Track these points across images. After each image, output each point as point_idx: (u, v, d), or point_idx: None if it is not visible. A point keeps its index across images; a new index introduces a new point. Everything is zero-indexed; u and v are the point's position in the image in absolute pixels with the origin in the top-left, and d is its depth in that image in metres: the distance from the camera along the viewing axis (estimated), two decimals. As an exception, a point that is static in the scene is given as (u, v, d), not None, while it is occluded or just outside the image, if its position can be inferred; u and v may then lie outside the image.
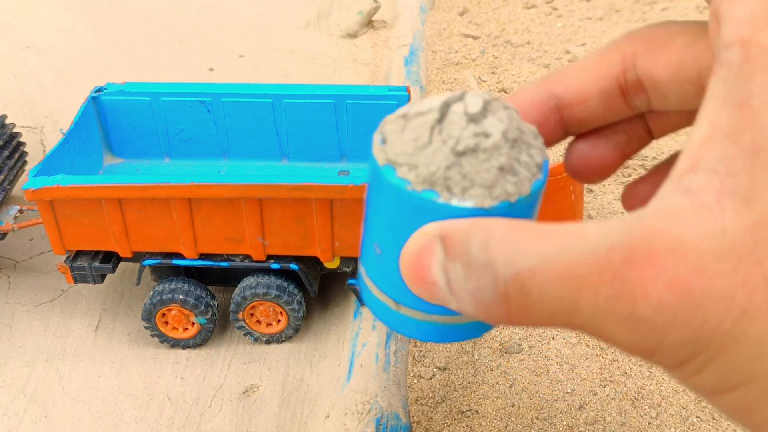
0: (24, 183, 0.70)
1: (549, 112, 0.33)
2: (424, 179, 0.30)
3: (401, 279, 0.29)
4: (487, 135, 0.31)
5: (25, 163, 0.92)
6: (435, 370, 0.75)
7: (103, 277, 0.78)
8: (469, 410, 0.72)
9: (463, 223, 0.26)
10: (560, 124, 0.33)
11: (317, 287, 0.78)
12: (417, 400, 0.72)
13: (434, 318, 0.31)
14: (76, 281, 0.78)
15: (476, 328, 0.31)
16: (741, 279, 0.22)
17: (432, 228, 0.27)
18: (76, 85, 1.16)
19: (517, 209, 0.32)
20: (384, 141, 0.31)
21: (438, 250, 0.27)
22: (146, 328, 0.79)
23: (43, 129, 1.07)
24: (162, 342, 0.80)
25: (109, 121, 0.84)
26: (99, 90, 0.80)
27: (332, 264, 0.75)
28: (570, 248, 0.23)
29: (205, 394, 0.75)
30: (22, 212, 0.85)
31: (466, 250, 0.25)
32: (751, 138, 0.22)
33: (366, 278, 0.34)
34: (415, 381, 0.74)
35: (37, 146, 1.03)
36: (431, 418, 0.71)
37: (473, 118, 0.31)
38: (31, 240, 0.93)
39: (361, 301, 0.77)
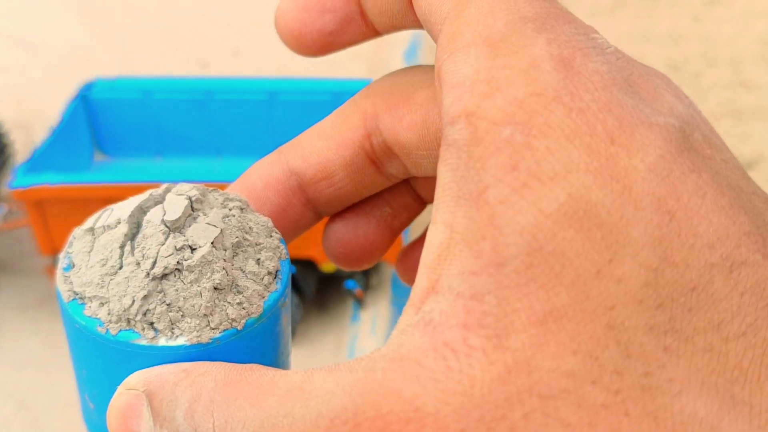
0: (11, 182, 0.69)
1: (291, 193, 0.26)
2: (119, 317, 0.23)
3: None
4: (193, 247, 0.23)
5: (13, 161, 0.90)
6: (436, 375, 0.74)
7: (93, 279, 0.77)
8: (471, 417, 0.70)
9: (174, 372, 0.20)
10: (308, 205, 0.26)
11: (314, 290, 0.76)
12: (417, 407, 0.71)
13: None
14: (65, 283, 0.76)
15: None
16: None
17: (136, 380, 0.21)
18: (66, 82, 1.14)
19: (250, 337, 0.25)
20: (71, 266, 0.23)
21: (145, 412, 0.20)
22: (138, 331, 0.77)
23: (32, 126, 1.05)
24: (154, 346, 0.78)
25: (98, 118, 0.82)
26: (88, 87, 0.78)
27: (329, 266, 0.73)
28: (291, 414, 0.18)
29: (198, 401, 0.73)
30: (11, 213, 0.83)
31: (171, 416, 0.20)
32: (493, 246, 0.16)
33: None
34: (416, 387, 0.73)
35: (26, 144, 1.01)
36: (432, 425, 0.69)
37: (175, 227, 0.24)
38: (20, 242, 0.91)
39: (359, 304, 0.75)
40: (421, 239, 0.26)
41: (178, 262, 0.22)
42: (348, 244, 0.27)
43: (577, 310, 0.16)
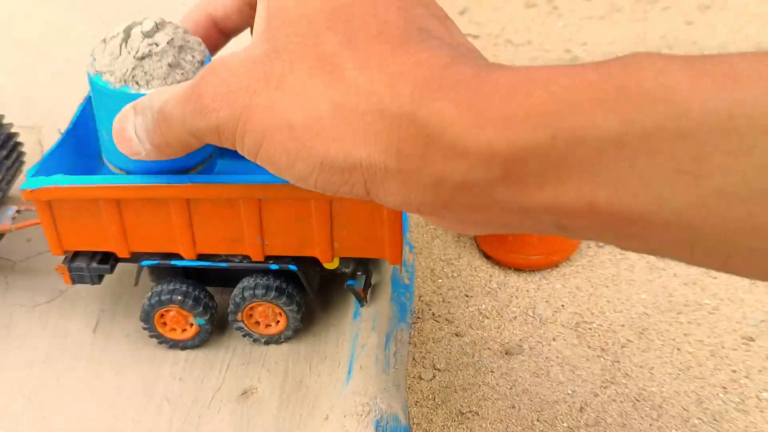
0: (21, 183, 0.70)
1: (209, 26, 0.55)
2: (119, 79, 0.55)
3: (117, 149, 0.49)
4: (157, 44, 0.54)
5: (22, 163, 0.91)
6: (435, 371, 0.75)
7: (101, 277, 0.78)
8: (470, 412, 0.72)
9: (144, 98, 0.47)
10: (221, 34, 0.55)
11: (316, 288, 0.78)
12: (417, 402, 0.72)
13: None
14: (74, 282, 0.77)
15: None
16: (254, 74, 0.38)
17: (128, 104, 0.48)
18: (75, 84, 1.16)
19: None
20: (94, 60, 0.57)
21: (131, 114, 0.47)
22: (144, 328, 0.79)
23: (41, 128, 1.07)
24: (160, 343, 0.79)
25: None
26: (97, 89, 0.79)
27: (331, 264, 0.75)
28: (185, 83, 0.43)
29: (203, 396, 0.74)
30: (19, 212, 0.84)
31: (143, 105, 0.46)
32: (267, 10, 0.40)
33: (107, 163, 0.64)
34: (415, 382, 0.74)
35: (35, 146, 1.03)
36: (431, 419, 0.71)
37: (148, 34, 0.54)
38: (28, 241, 0.93)
39: (360, 301, 0.77)
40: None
41: (149, 50, 0.54)
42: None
43: (294, 23, 0.38)
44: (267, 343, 0.78)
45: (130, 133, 0.46)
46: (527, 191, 0.33)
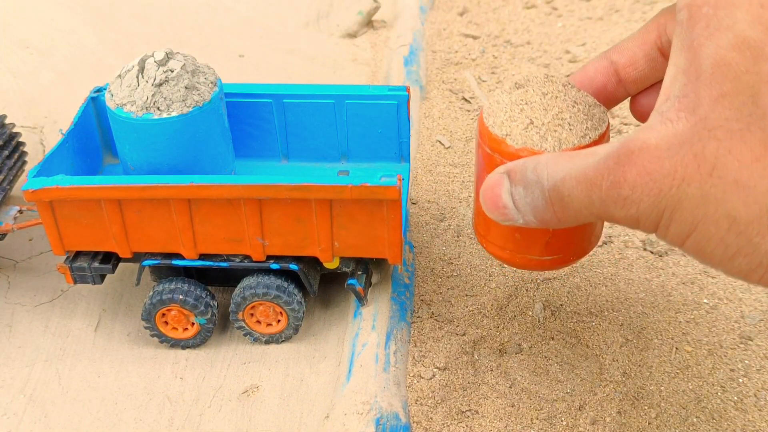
0: (23, 183, 0.70)
1: (610, 74, 0.46)
2: (140, 107, 0.61)
3: None
4: (172, 70, 0.60)
5: (24, 163, 0.92)
6: (435, 370, 0.75)
7: (102, 277, 0.78)
8: (469, 410, 0.72)
9: (519, 161, 0.41)
10: (620, 84, 0.46)
11: (317, 287, 0.78)
12: (417, 401, 0.72)
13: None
14: (75, 281, 0.78)
15: None
16: (681, 159, 0.32)
17: (498, 168, 0.43)
18: (76, 85, 1.16)
19: (205, 110, 0.65)
20: (112, 95, 0.64)
21: (505, 182, 0.41)
22: (146, 328, 0.79)
23: (42, 129, 1.07)
24: (162, 342, 0.80)
25: (108, 121, 0.84)
26: (98, 90, 0.79)
27: (332, 264, 0.75)
28: (586, 162, 0.36)
29: (204, 394, 0.75)
30: (21, 212, 0.85)
31: (523, 175, 0.40)
32: (695, 68, 0.32)
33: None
34: (415, 381, 0.74)
35: (36, 146, 1.03)
36: (431, 418, 0.71)
37: (161, 63, 0.60)
38: (30, 240, 0.93)
39: (361, 301, 0.77)
40: (646, 90, 0.46)
41: (166, 77, 0.60)
42: (647, 109, 0.47)
43: (734, 93, 0.31)
44: (268, 342, 0.79)
45: (505, 202, 0.41)
46: None
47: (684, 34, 0.33)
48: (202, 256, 0.75)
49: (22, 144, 0.91)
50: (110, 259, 0.77)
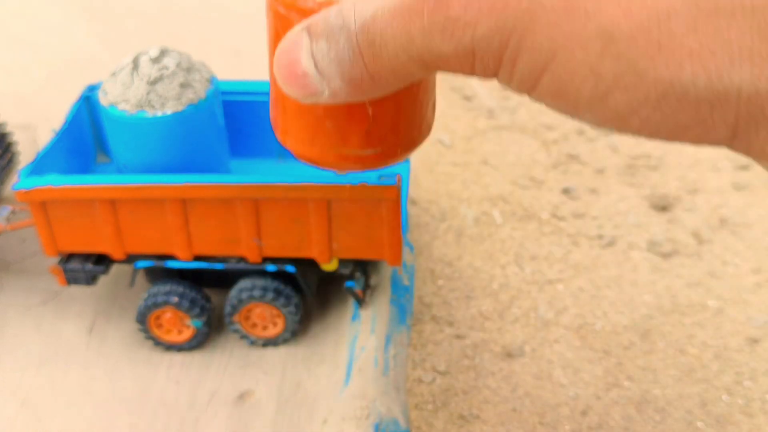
0: (15, 183, 0.69)
1: None
2: (134, 105, 0.59)
3: None
4: (167, 67, 0.58)
5: (17, 162, 0.90)
6: (435, 374, 0.74)
7: (96, 278, 0.77)
8: (470, 415, 0.71)
9: (323, 9, 0.31)
10: None
11: (315, 289, 0.77)
12: (417, 405, 0.71)
13: None
14: (69, 283, 0.76)
15: None
16: None
17: (295, 27, 0.32)
18: (70, 83, 1.15)
19: (201, 108, 0.63)
20: (105, 93, 0.61)
21: (304, 39, 0.31)
22: (140, 330, 0.77)
23: (35, 128, 1.06)
24: (156, 345, 0.78)
25: (101, 120, 0.82)
26: (92, 89, 0.78)
27: (330, 266, 0.74)
28: None
29: (200, 399, 0.73)
30: (14, 213, 0.83)
31: (326, 23, 0.30)
32: None
33: None
34: (415, 385, 0.73)
35: (29, 145, 1.02)
36: (431, 423, 0.70)
37: (156, 60, 0.58)
38: (23, 241, 0.92)
39: (359, 303, 0.76)
40: None
41: (161, 74, 0.58)
42: None
43: (728, 10, 0.22)
44: (264, 345, 0.77)
45: (305, 67, 0.31)
46: None
47: None
48: (197, 258, 0.74)
49: (14, 143, 0.89)
50: (104, 260, 0.76)
